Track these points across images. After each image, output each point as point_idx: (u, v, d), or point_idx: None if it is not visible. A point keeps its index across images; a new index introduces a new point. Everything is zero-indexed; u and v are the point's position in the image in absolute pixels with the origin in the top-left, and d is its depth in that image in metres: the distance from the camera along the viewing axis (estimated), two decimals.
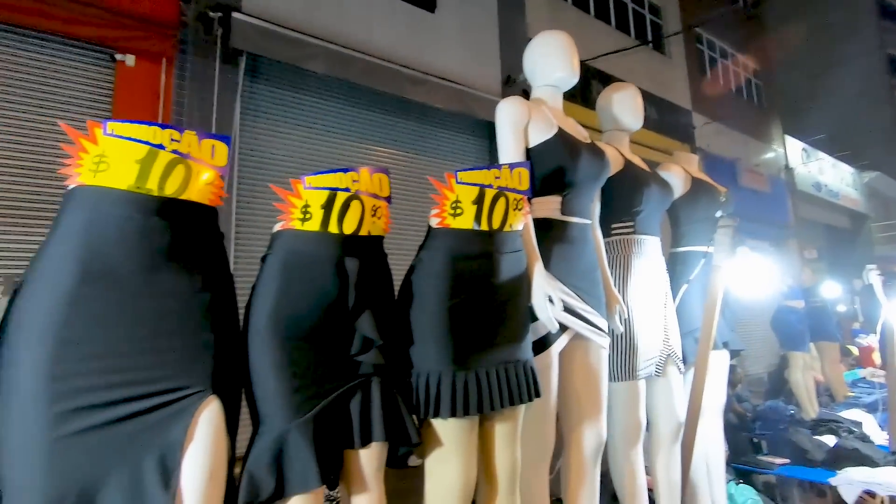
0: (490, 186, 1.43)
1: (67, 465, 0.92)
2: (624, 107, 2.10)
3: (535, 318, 1.55)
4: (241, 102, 4.05)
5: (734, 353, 2.40)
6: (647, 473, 2.01)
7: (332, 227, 1.24)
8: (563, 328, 1.63)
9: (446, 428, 1.33)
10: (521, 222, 1.50)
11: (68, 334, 0.95)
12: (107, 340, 0.98)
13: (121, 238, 1.02)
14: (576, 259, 1.71)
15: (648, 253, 2.02)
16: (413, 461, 1.35)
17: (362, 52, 4.55)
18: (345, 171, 1.31)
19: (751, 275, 2.34)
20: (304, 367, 1.18)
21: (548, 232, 1.66)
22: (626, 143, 2.14)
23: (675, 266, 2.24)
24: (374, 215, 1.34)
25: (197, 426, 1.02)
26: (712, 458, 2.28)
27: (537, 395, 1.47)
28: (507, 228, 1.45)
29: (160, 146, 1.09)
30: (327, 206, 1.25)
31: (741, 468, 3.05)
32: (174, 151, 1.10)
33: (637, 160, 2.13)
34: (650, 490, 2.03)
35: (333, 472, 1.20)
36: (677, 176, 2.27)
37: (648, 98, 7.01)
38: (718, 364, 2.24)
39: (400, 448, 1.31)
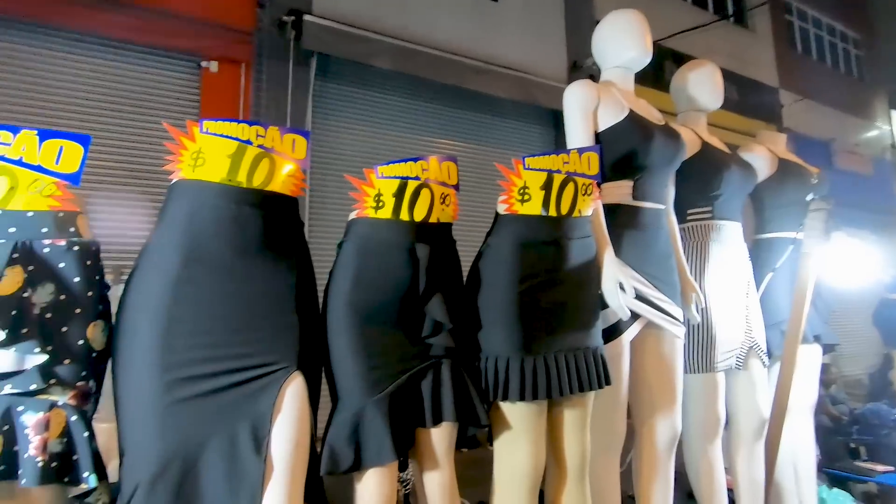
0: (558, 172, 1.42)
1: (176, 428, 1.03)
2: (701, 85, 1.99)
3: (605, 306, 1.52)
4: (313, 101, 4.25)
5: (827, 349, 2.22)
6: (728, 472, 1.91)
7: (404, 215, 1.29)
8: (635, 316, 1.59)
9: (515, 411, 1.35)
10: (591, 208, 1.48)
11: (176, 313, 1.06)
12: (207, 319, 1.08)
13: (217, 226, 1.12)
14: (648, 245, 1.66)
15: (728, 239, 1.91)
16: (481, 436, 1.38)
17: (425, 45, 4.62)
18: (415, 160, 1.36)
19: (848, 263, 2.14)
20: (378, 347, 1.24)
21: (619, 218, 1.62)
22: (704, 124, 2.03)
23: (760, 254, 2.10)
24: (443, 203, 1.37)
25: (283, 399, 1.11)
26: (801, 460, 2.13)
27: (607, 382, 1.45)
28: (576, 214, 1.43)
29: (248, 142, 1.18)
30: (399, 195, 1.30)
31: (836, 474, 2.82)
32: (260, 146, 1.19)
33: (716, 142, 2.02)
34: (730, 490, 1.93)
35: (406, 448, 1.25)
36: (761, 157, 2.12)
37: (730, 77, 6.51)
38: (809, 359, 2.08)
39: (469, 428, 1.35)
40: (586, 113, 1.62)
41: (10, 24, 3.35)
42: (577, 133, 1.62)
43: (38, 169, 1.02)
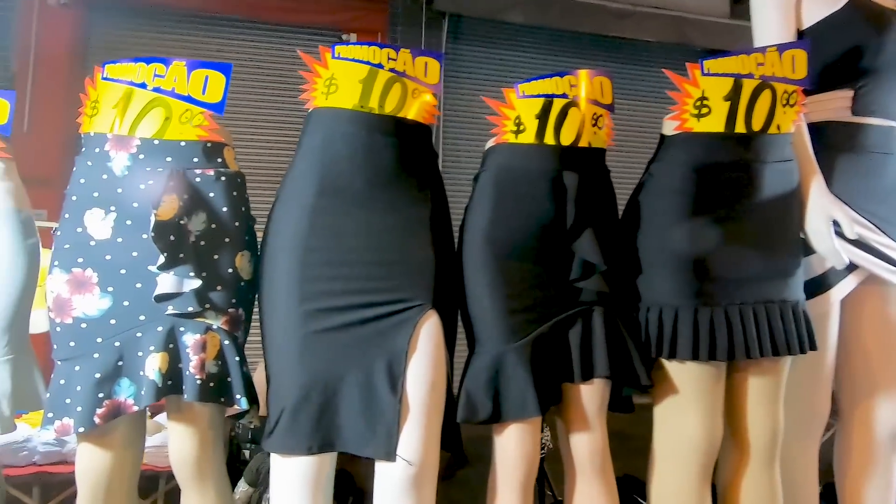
0: (750, 76, 1.11)
1: (315, 358, 1.02)
2: None
3: (809, 251, 1.19)
4: (445, 64, 4.18)
5: None
6: None
7: (549, 139, 1.12)
8: (851, 267, 1.22)
9: (684, 372, 1.12)
10: (794, 123, 1.15)
11: (312, 243, 1.04)
12: (342, 251, 1.04)
13: (350, 154, 1.07)
14: (873, 175, 1.26)
15: None
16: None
17: None
18: (561, 74, 1.16)
19: None
20: (519, 289, 1.10)
21: (831, 139, 1.24)
22: None
23: None
24: (594, 125, 1.17)
25: (418, 338, 1.03)
26: None
27: (812, 346, 1.14)
28: (772, 130, 1.12)
29: (379, 65, 1.11)
30: (542, 116, 1.12)
31: None
32: (391, 70, 1.11)
33: None
34: None
35: (551, 403, 1.10)
36: None
37: None
38: None
39: (625, 388, 1.16)
40: (785, 5, 1.26)
41: (188, 18, 3.77)
42: (771, 32, 1.26)
43: (188, 99, 1.05)
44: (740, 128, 1.10)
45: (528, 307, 1.10)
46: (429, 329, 1.05)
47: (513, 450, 1.08)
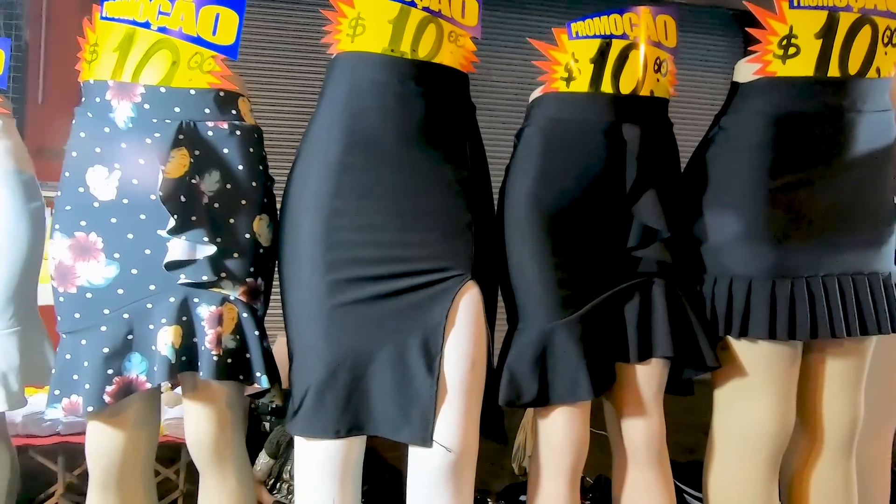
0: (847, 9, 0.94)
1: (342, 333, 0.91)
2: None
3: None
4: None
5: None
6: None
7: (606, 86, 0.98)
8: None
9: (756, 353, 0.99)
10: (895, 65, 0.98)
11: (338, 205, 0.92)
12: (372, 213, 0.93)
13: (380, 105, 0.95)
14: None
15: None
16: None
17: None
18: (620, 12, 1.01)
19: None
20: (570, 258, 0.97)
21: None
22: None
23: None
24: (657, 70, 1.02)
25: (457, 311, 0.92)
26: None
27: None
28: (871, 75, 0.95)
29: (412, 3, 0.97)
30: (599, 60, 0.98)
31: None
32: (425, 9, 0.97)
33: None
34: None
35: (606, 385, 0.99)
36: None
37: None
38: None
39: (686, 370, 1.04)
40: None
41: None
42: None
43: (197, 41, 0.92)
44: (833, 71, 0.94)
45: (579, 278, 0.98)
46: (469, 302, 0.93)
47: (561, 436, 0.98)
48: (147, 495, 1.01)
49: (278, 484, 1.62)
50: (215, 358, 0.90)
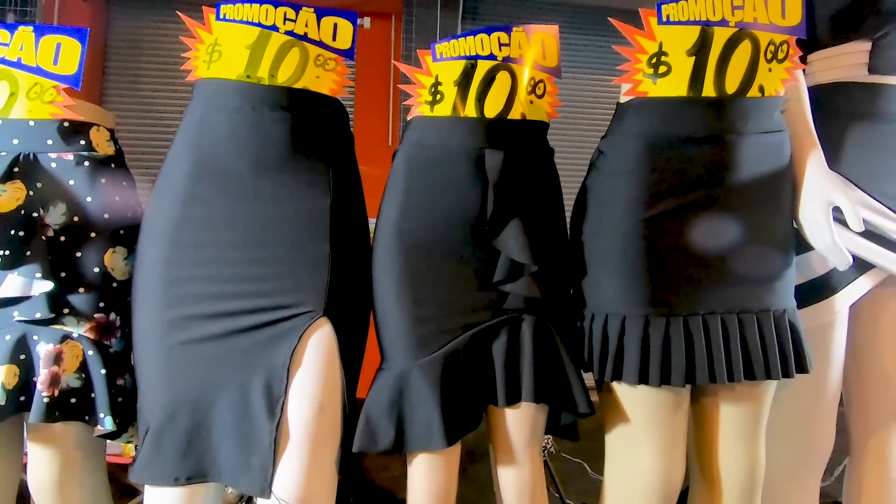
0: (723, 23, 0.87)
1: (181, 373, 0.86)
2: None
3: (804, 247, 0.95)
4: None
5: None
6: None
7: (469, 109, 0.92)
8: (864, 267, 0.97)
9: (635, 398, 0.90)
10: (785, 84, 0.90)
11: (180, 237, 0.88)
12: (217, 246, 0.88)
13: (231, 134, 0.90)
14: (894, 151, 0.99)
15: None
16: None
17: None
18: (488, 31, 0.95)
19: None
20: (432, 293, 0.91)
21: (842, 103, 0.99)
22: None
23: None
24: (531, 91, 0.95)
25: (305, 351, 0.86)
26: None
27: (801, 369, 0.90)
28: (753, 93, 0.87)
29: (273, 27, 0.94)
30: (463, 81, 0.92)
31: None
32: (288, 33, 0.94)
33: None
34: None
35: (466, 431, 0.91)
36: None
37: None
38: None
39: (564, 414, 0.95)
40: None
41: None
42: None
43: (37, 71, 0.90)
44: (709, 90, 0.86)
45: (441, 315, 0.91)
46: (319, 340, 0.87)
47: (421, 484, 0.91)
48: None
49: None
50: (46, 399, 0.86)
